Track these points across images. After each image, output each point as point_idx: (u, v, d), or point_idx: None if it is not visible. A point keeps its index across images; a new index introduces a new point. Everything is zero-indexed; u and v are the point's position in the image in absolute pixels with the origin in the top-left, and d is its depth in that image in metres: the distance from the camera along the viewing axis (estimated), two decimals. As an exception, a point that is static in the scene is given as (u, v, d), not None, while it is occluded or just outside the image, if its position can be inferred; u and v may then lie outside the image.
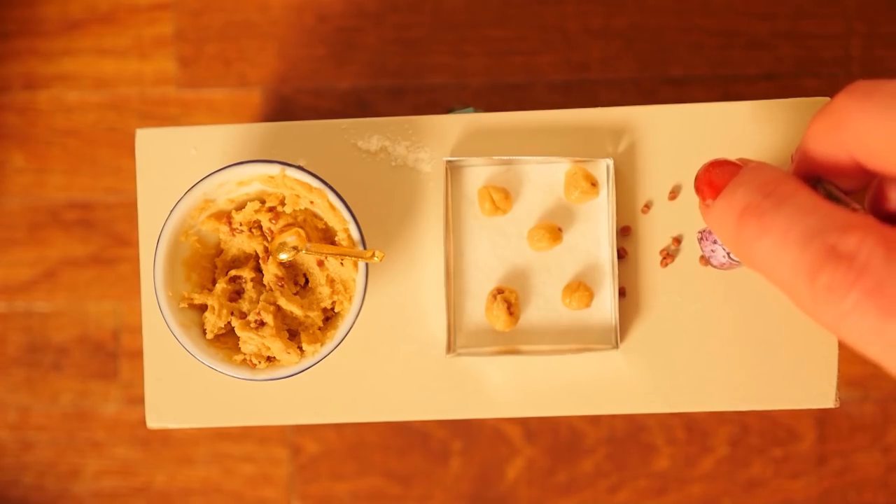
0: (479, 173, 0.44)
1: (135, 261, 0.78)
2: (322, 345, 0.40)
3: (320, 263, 0.42)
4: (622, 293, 0.44)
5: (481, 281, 0.44)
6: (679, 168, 0.44)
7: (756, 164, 0.28)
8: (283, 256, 0.41)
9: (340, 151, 0.44)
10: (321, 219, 0.42)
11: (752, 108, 0.44)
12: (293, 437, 0.78)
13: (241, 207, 0.42)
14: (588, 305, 0.43)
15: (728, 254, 0.39)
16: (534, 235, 0.43)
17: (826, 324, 0.22)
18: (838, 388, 0.43)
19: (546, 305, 0.44)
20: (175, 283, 0.40)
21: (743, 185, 0.26)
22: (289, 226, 0.41)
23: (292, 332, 0.41)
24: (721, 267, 0.40)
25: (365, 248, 0.39)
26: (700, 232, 0.40)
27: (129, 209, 0.78)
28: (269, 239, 0.41)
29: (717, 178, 0.28)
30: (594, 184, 0.43)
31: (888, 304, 0.20)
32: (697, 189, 0.31)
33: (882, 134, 0.24)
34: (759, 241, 0.24)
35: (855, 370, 0.76)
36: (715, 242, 0.39)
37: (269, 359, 0.40)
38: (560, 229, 0.43)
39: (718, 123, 0.44)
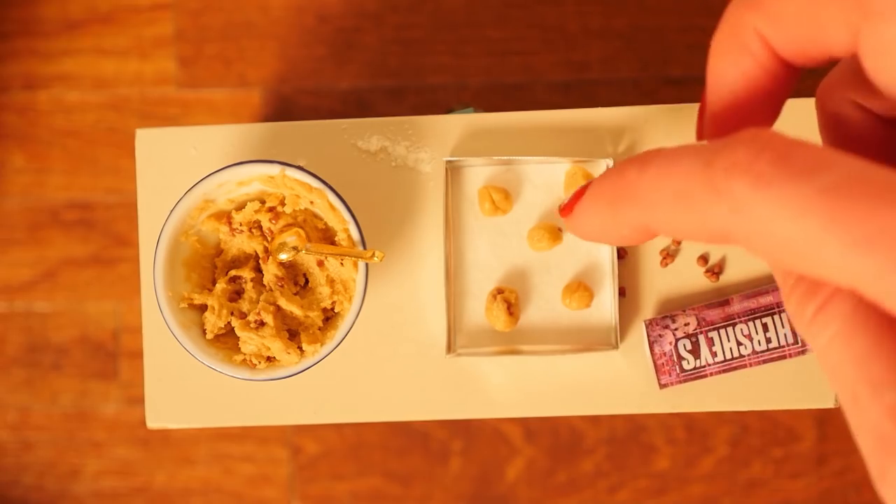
0: (479, 173, 0.44)
1: (135, 261, 0.78)
2: (322, 345, 0.40)
3: (320, 263, 0.42)
4: (622, 293, 0.44)
5: (481, 281, 0.44)
6: (679, 168, 0.44)
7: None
8: (283, 256, 0.41)
9: (340, 151, 0.44)
10: (321, 219, 0.42)
11: (752, 108, 0.43)
12: (293, 437, 0.78)
13: (241, 207, 0.42)
14: (588, 305, 0.43)
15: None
16: (534, 235, 0.43)
17: (725, 219, 0.18)
18: (838, 388, 0.43)
19: (546, 305, 0.44)
20: (175, 283, 0.40)
21: (601, 178, 0.24)
22: (289, 226, 0.41)
23: (292, 332, 0.41)
24: None
25: (365, 248, 0.39)
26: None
27: (129, 209, 0.78)
28: (269, 239, 0.41)
29: (573, 199, 0.27)
30: (594, 184, 0.43)
31: (796, 166, 0.17)
32: (563, 212, 0.29)
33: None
34: (639, 181, 0.21)
35: (855, 370, 0.76)
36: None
37: (269, 359, 0.40)
38: (560, 229, 0.43)
39: (718, 123, 0.44)
